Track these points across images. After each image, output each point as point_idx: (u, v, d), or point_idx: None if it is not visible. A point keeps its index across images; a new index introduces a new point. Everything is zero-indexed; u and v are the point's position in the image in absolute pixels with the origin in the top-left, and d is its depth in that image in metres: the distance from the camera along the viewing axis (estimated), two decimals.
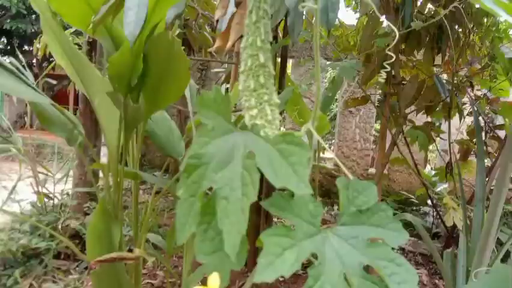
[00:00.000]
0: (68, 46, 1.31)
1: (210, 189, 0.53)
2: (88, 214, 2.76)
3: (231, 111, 0.63)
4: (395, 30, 0.83)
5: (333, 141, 7.26)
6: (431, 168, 6.28)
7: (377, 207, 0.56)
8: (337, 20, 2.78)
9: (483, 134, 2.64)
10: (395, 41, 1.08)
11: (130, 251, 2.39)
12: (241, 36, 0.63)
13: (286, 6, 1.19)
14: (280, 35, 2.32)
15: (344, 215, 0.57)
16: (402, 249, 3.50)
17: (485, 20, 2.28)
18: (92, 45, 2.89)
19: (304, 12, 1.42)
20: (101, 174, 2.37)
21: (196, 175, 0.53)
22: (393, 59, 0.94)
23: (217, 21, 0.65)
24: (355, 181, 0.57)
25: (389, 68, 1.04)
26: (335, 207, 4.76)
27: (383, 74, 1.29)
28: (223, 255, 0.50)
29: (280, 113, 0.66)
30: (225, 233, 0.46)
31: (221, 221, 0.48)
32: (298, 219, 0.52)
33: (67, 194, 2.70)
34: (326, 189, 5.27)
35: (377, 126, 5.72)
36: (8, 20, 7.20)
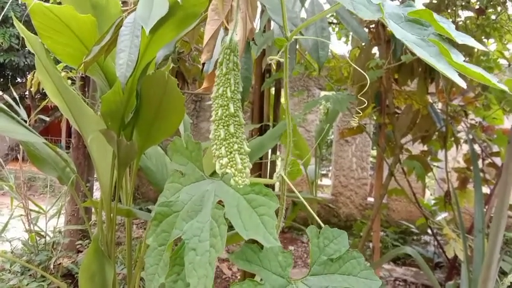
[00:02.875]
0: (61, 84, 1.31)
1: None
2: (81, 252, 2.70)
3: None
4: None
5: (330, 167, 7.25)
6: (431, 195, 6.26)
7: (349, 255, 0.56)
8: (329, 51, 2.82)
9: (480, 161, 2.64)
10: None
11: None
12: None
13: None
14: (274, 67, 2.34)
15: (315, 264, 0.56)
16: (404, 281, 3.43)
17: (475, 50, 2.32)
18: (85, 79, 2.91)
19: (297, 47, 1.43)
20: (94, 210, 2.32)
21: (165, 224, 0.53)
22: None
23: (204, 64, 0.66)
24: (326, 229, 0.56)
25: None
26: None
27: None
28: None
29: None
30: (192, 286, 0.45)
31: (189, 273, 0.47)
32: (266, 271, 0.52)
33: (59, 231, 2.64)
34: (325, 220, 5.21)
35: (374, 153, 5.73)
36: (1, 53, 7.28)
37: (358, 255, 0.55)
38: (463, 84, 0.37)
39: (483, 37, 2.25)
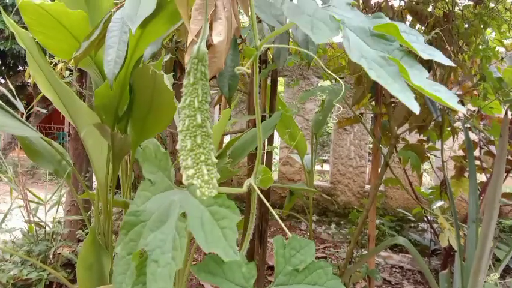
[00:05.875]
0: (53, 79, 1.31)
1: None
2: (81, 241, 2.73)
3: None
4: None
5: (328, 154, 7.26)
6: (431, 180, 6.27)
7: (315, 265, 0.57)
8: (327, 40, 2.80)
9: (477, 149, 2.64)
10: None
11: None
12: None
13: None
14: (271, 57, 2.33)
15: (280, 275, 0.56)
16: (400, 268, 3.47)
17: (474, 39, 2.30)
18: (82, 71, 2.90)
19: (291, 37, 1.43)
20: None
21: (133, 233, 0.53)
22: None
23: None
24: (293, 238, 0.57)
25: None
26: (332, 226, 4.72)
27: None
28: None
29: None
30: None
31: (149, 284, 0.47)
32: (229, 283, 0.52)
33: (59, 222, 2.67)
34: (323, 208, 5.24)
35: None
36: (2, 41, 7.25)
37: (325, 264, 0.56)
38: (416, 110, 0.37)
39: (481, 26, 2.24)
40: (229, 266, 0.52)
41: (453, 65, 0.43)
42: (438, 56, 0.41)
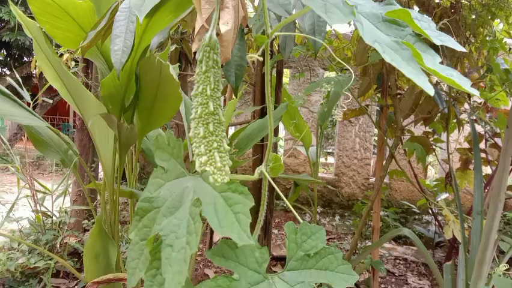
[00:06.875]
0: (61, 69, 1.32)
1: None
2: (87, 231, 2.76)
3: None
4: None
5: (333, 147, 7.26)
6: (436, 173, 6.26)
7: (326, 251, 0.57)
8: (333, 31, 2.79)
9: (483, 142, 2.63)
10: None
11: None
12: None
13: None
14: (276, 48, 2.32)
15: (292, 260, 0.57)
16: (404, 260, 3.48)
17: (482, 30, 2.28)
18: (88, 61, 2.90)
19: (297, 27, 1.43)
20: None
21: (147, 219, 0.53)
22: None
23: (195, 52, 0.66)
24: (304, 225, 0.57)
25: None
26: (336, 218, 4.73)
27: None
28: None
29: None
30: (167, 281, 0.47)
31: (165, 268, 0.48)
32: (243, 267, 0.53)
33: (65, 211, 2.70)
34: (327, 199, 5.25)
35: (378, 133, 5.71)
36: (7, 32, 7.26)
37: (336, 250, 0.57)
38: (430, 91, 0.37)
39: (489, 17, 2.22)
40: (243, 251, 0.53)
41: (465, 50, 0.43)
42: (450, 42, 0.41)
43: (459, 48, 0.42)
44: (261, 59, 0.54)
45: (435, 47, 2.20)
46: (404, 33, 0.40)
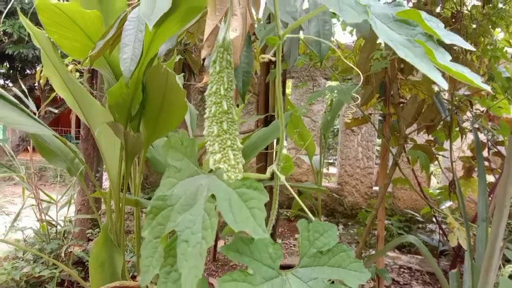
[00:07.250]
0: (68, 78, 1.34)
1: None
2: (91, 240, 2.75)
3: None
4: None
5: (336, 157, 7.25)
6: (438, 183, 6.24)
7: (339, 248, 0.58)
8: (335, 41, 2.81)
9: (486, 150, 2.63)
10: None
11: (134, 277, 2.37)
12: None
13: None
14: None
15: (304, 257, 0.58)
16: (409, 269, 3.46)
17: (482, 39, 2.30)
18: (93, 72, 2.93)
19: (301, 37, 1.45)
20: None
21: (161, 217, 0.54)
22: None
23: (204, 59, 0.67)
24: (316, 222, 0.58)
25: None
26: (340, 227, 4.72)
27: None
28: None
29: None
30: (183, 276, 0.47)
31: (180, 263, 0.48)
32: (257, 263, 0.53)
33: (70, 221, 2.70)
34: (330, 209, 5.24)
35: (380, 142, 5.71)
36: (10, 45, 7.35)
37: (347, 248, 0.58)
38: (444, 85, 0.38)
39: (489, 26, 2.24)
40: (257, 246, 0.53)
41: (473, 49, 0.45)
42: (459, 41, 0.43)
43: (467, 46, 0.44)
44: (273, 58, 0.56)
45: None
46: (415, 32, 0.42)
